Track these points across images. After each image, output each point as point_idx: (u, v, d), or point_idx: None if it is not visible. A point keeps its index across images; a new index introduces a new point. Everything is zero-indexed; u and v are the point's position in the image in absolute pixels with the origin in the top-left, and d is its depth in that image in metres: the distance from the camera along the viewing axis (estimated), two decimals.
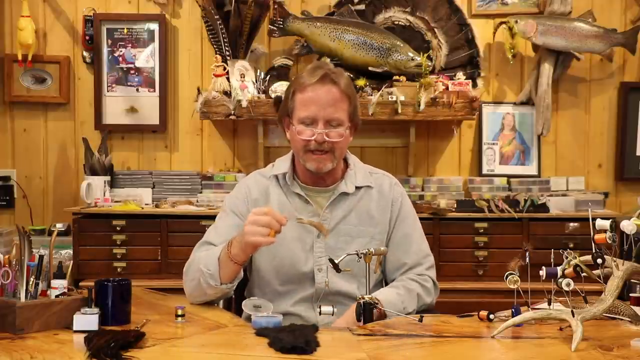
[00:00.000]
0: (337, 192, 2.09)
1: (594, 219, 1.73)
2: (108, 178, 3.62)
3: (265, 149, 3.71)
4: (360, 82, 3.50)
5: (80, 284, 3.11)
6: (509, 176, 3.72)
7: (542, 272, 1.69)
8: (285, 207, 2.09)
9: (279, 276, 2.07)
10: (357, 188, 2.12)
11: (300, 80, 2.05)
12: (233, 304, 2.24)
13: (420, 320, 1.83)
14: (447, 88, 3.49)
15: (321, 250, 2.05)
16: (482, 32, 3.71)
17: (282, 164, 2.16)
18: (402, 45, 3.54)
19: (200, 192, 3.62)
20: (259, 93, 3.51)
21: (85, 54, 3.83)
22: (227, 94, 3.50)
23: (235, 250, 1.89)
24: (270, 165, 2.20)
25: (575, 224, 3.38)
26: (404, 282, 2.08)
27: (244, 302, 1.94)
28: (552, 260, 1.72)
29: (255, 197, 2.12)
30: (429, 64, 3.50)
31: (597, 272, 1.70)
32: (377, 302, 1.88)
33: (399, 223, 2.13)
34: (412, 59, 3.50)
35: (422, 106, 3.44)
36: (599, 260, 1.67)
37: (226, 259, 1.91)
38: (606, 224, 1.69)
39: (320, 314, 1.85)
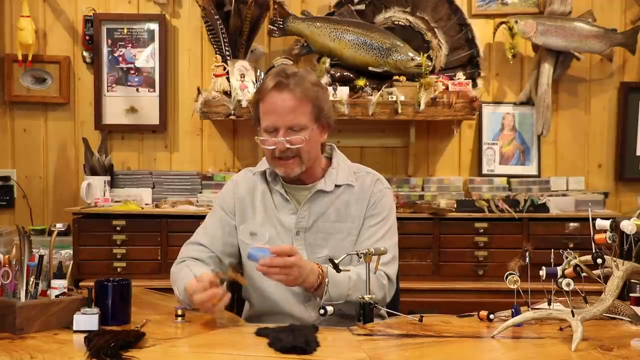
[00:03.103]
0: (313, 190, 2.10)
1: (594, 219, 1.73)
2: (108, 178, 3.62)
3: None
4: (360, 82, 3.50)
5: (80, 284, 3.11)
6: (509, 176, 3.72)
7: (542, 272, 1.69)
8: (269, 203, 2.11)
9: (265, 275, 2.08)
10: (337, 186, 2.11)
11: (261, 87, 2.06)
12: (235, 305, 2.24)
13: (420, 320, 1.83)
14: (447, 88, 3.49)
15: (301, 248, 2.06)
16: (482, 32, 3.71)
17: (265, 162, 2.18)
18: (402, 45, 3.54)
19: (200, 192, 3.62)
20: None
21: (85, 54, 3.83)
22: (227, 94, 3.51)
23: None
24: (259, 163, 2.23)
25: (575, 224, 3.38)
26: (360, 269, 2.01)
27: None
28: (552, 260, 1.72)
29: (242, 194, 2.14)
30: (429, 64, 3.50)
31: (597, 272, 1.70)
32: (377, 302, 1.89)
33: (369, 216, 2.11)
34: (412, 59, 3.50)
35: (422, 106, 3.44)
36: (599, 260, 1.67)
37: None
38: (606, 224, 1.69)
39: (325, 314, 1.84)
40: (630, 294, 2.04)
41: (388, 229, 2.12)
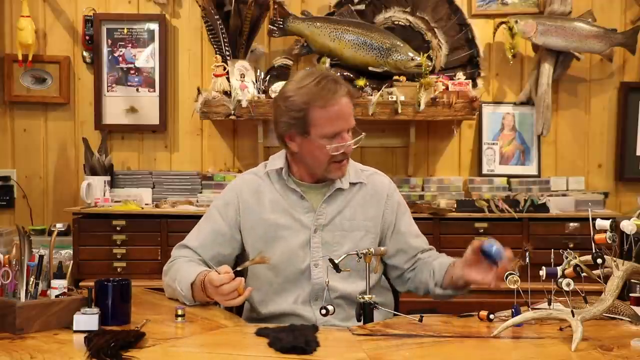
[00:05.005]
0: (332, 188, 2.11)
1: (594, 219, 1.73)
2: (108, 178, 3.62)
3: (265, 149, 3.71)
4: (360, 82, 3.51)
5: (80, 284, 3.11)
6: (509, 176, 3.72)
7: (542, 272, 1.69)
8: (279, 205, 2.10)
9: (276, 274, 2.07)
10: (352, 184, 2.14)
11: (315, 96, 1.98)
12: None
13: (420, 320, 1.83)
14: (447, 88, 3.49)
15: (317, 246, 2.06)
16: (482, 32, 3.71)
17: (276, 161, 2.17)
18: (402, 45, 3.54)
19: (200, 192, 3.62)
20: (259, 93, 3.51)
21: (85, 54, 3.83)
22: (227, 94, 3.51)
23: (212, 297, 1.92)
24: (263, 164, 2.21)
25: (575, 224, 3.38)
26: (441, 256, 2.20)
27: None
28: (552, 260, 1.72)
29: (247, 198, 2.13)
30: (429, 64, 3.50)
31: (597, 272, 1.69)
32: (377, 302, 1.89)
33: (401, 215, 2.19)
34: (412, 59, 3.50)
35: (422, 106, 3.44)
36: (599, 260, 1.67)
37: (201, 295, 1.94)
38: (606, 224, 1.69)
39: (327, 314, 1.84)
40: (630, 294, 2.03)
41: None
